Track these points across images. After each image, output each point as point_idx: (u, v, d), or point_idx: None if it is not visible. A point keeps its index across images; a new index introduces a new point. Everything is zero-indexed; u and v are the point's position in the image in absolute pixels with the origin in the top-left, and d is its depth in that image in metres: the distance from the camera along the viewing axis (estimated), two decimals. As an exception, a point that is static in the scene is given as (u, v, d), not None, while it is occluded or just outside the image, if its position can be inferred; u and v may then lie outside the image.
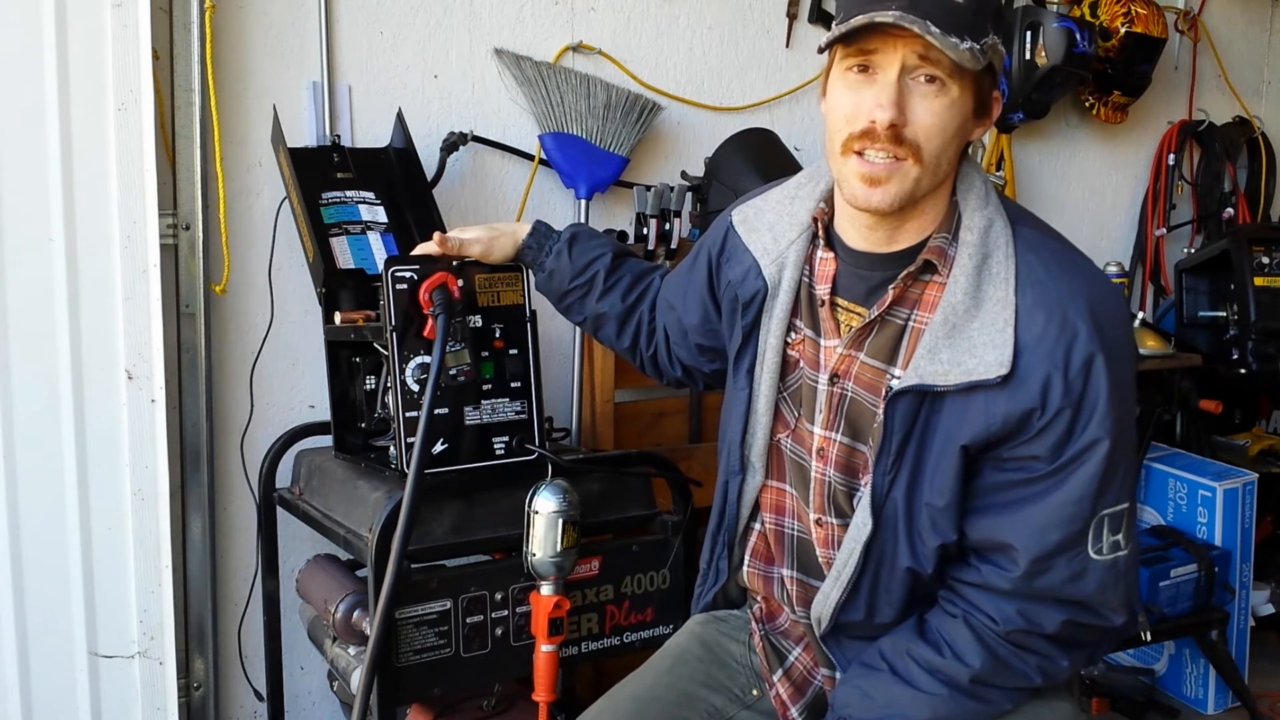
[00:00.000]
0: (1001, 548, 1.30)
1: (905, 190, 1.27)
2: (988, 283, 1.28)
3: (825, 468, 1.41)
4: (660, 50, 2.63)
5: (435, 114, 2.37)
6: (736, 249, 1.52)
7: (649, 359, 1.77)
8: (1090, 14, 3.07)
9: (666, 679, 1.52)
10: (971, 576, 1.33)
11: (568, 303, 1.79)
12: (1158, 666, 2.99)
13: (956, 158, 1.32)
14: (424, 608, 1.74)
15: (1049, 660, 1.33)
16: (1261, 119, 3.63)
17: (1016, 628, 1.30)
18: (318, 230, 2.02)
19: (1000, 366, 1.24)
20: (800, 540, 1.47)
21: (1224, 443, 3.23)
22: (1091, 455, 1.25)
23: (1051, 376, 1.23)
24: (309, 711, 2.38)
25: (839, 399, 1.39)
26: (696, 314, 1.62)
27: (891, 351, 1.34)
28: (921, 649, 1.34)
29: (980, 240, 1.30)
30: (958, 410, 1.28)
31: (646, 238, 2.42)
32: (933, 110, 1.25)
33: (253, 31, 2.18)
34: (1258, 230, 3.25)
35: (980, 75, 1.28)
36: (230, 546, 2.25)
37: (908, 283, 1.33)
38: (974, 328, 1.27)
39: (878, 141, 1.25)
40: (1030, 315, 1.25)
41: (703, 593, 1.61)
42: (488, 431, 1.79)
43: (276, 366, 2.25)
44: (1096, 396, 1.24)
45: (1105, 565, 1.28)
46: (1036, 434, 1.25)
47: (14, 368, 1.85)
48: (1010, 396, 1.25)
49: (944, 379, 1.27)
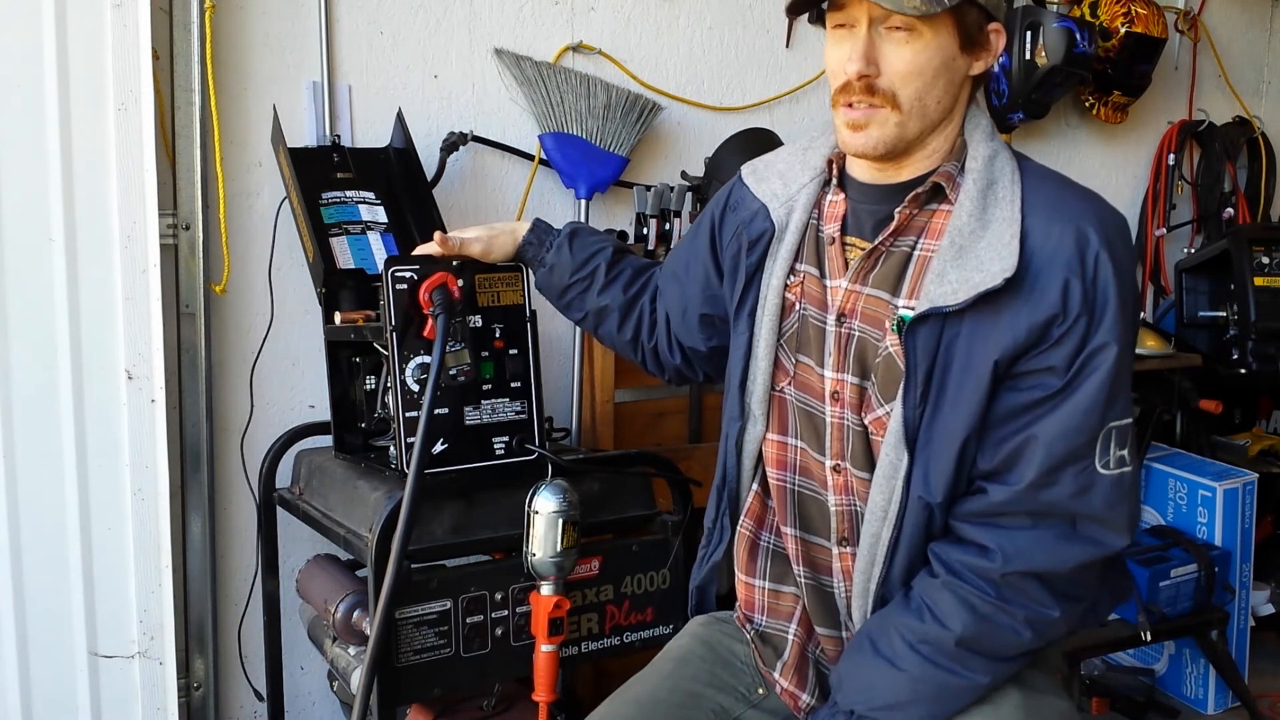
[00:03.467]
0: (1012, 464, 1.30)
1: (888, 135, 1.32)
2: (993, 206, 1.32)
3: (842, 410, 1.40)
4: (660, 50, 2.63)
5: (435, 114, 2.37)
6: (744, 199, 1.54)
7: (650, 351, 1.76)
8: (1090, 14, 3.07)
9: (670, 681, 1.51)
10: (974, 504, 1.32)
11: (569, 298, 1.78)
12: (1158, 666, 2.99)
13: (948, 97, 1.34)
14: (424, 608, 1.74)
15: (1039, 608, 1.30)
16: (1261, 119, 3.63)
17: (1012, 567, 1.28)
18: (318, 230, 2.02)
19: (1005, 272, 1.26)
20: (803, 496, 1.46)
21: (1224, 443, 3.23)
22: (1101, 360, 1.27)
23: (1070, 282, 1.26)
24: (309, 711, 2.38)
25: (846, 339, 1.39)
26: (699, 280, 1.62)
27: (896, 281, 1.35)
28: (904, 617, 1.33)
29: (984, 168, 1.34)
30: (983, 330, 1.29)
31: (646, 238, 2.43)
32: (903, 57, 1.30)
33: (253, 31, 2.18)
34: (1258, 230, 3.25)
35: (960, 10, 1.30)
36: (230, 546, 2.25)
37: (914, 210, 1.36)
38: (981, 247, 1.29)
39: (854, 93, 1.32)
40: (1044, 229, 1.29)
41: (708, 554, 1.58)
42: (488, 431, 1.79)
43: (276, 366, 2.25)
44: (1106, 302, 1.27)
45: (1112, 480, 1.29)
46: (1056, 342, 1.27)
47: (14, 368, 1.85)
48: (1034, 306, 1.27)
49: (954, 298, 1.28)
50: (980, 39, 1.34)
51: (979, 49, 1.35)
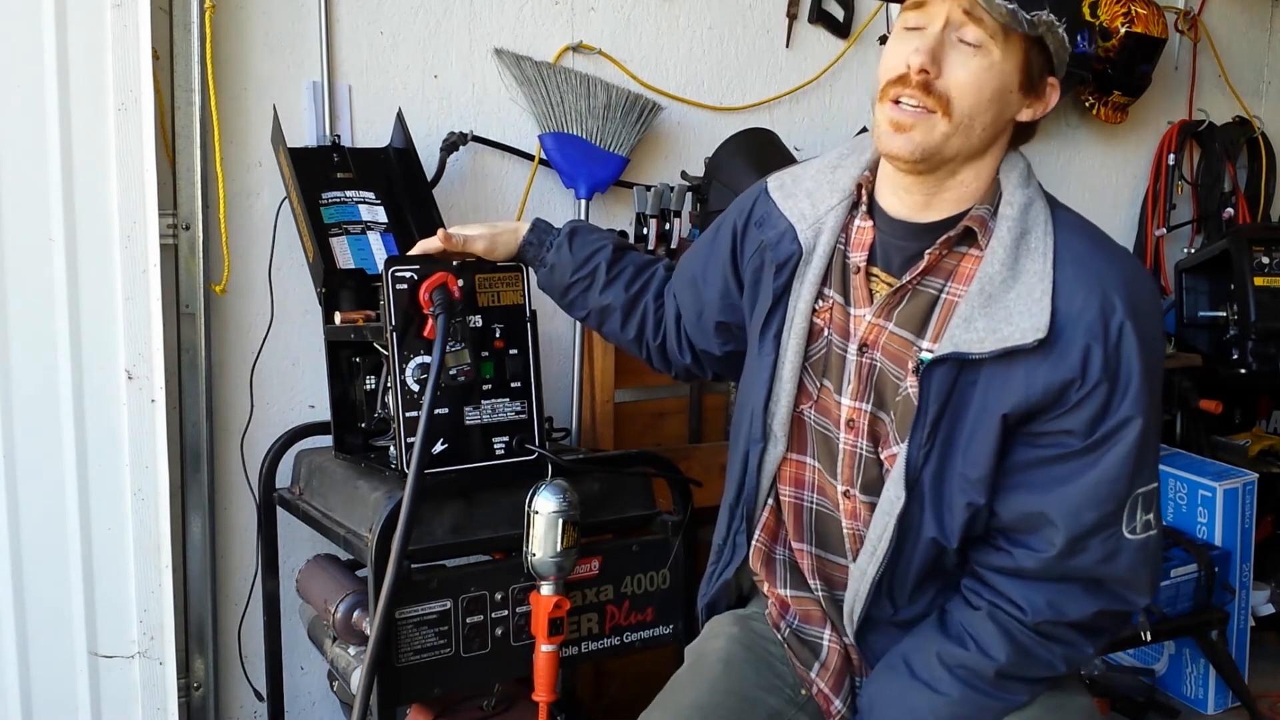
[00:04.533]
0: (1036, 527, 1.30)
1: (931, 143, 1.28)
2: (1025, 257, 1.30)
3: (856, 439, 1.40)
4: (660, 50, 2.63)
5: (435, 114, 2.37)
6: (769, 214, 1.51)
7: (656, 349, 1.75)
8: (1090, 14, 3.07)
9: (724, 684, 1.48)
10: (1001, 561, 1.33)
11: (570, 297, 1.78)
12: (1158, 666, 2.99)
13: (995, 128, 1.32)
14: (424, 608, 1.74)
15: (1074, 648, 1.33)
16: (1261, 119, 3.63)
17: (1045, 618, 1.30)
18: (318, 230, 2.02)
19: (1037, 332, 1.25)
20: (820, 514, 1.46)
21: (1224, 443, 3.23)
22: (1126, 434, 1.26)
23: (1091, 348, 1.25)
24: (309, 711, 2.38)
25: (868, 369, 1.39)
26: (717, 287, 1.60)
27: (922, 322, 1.34)
28: (944, 645, 1.34)
29: (1020, 215, 1.32)
30: (997, 380, 1.28)
31: (646, 238, 2.43)
32: (968, 67, 1.27)
33: (253, 31, 2.18)
34: (1258, 230, 3.25)
35: (1029, 48, 1.29)
36: (230, 546, 2.25)
37: (944, 251, 1.34)
38: (1010, 298, 1.28)
39: (909, 87, 1.28)
40: (1070, 289, 1.27)
41: (718, 570, 1.57)
42: (488, 431, 1.79)
43: (276, 366, 2.25)
44: (1130, 373, 1.26)
45: (1138, 545, 1.30)
46: (1074, 406, 1.27)
47: (14, 367, 1.85)
48: (1052, 367, 1.26)
49: (980, 346, 1.27)
50: (1040, 86, 1.34)
51: (1034, 96, 1.34)
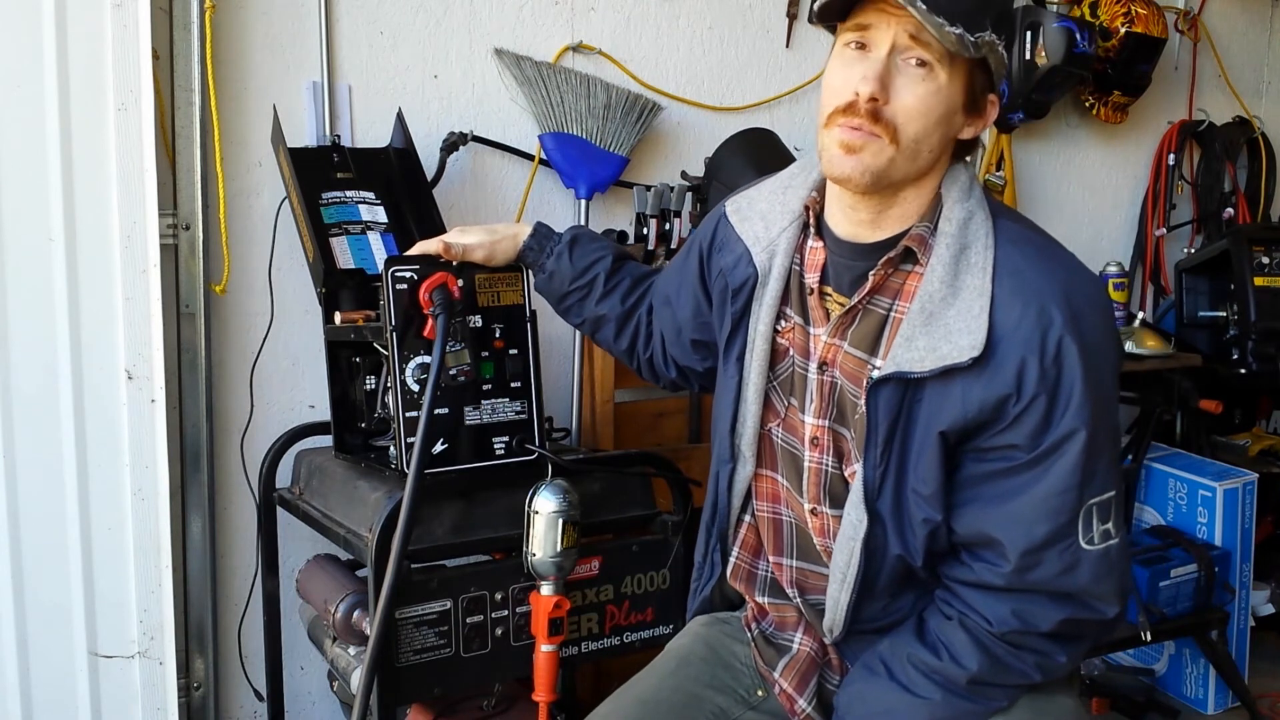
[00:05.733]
0: (990, 542, 1.30)
1: (879, 165, 1.28)
2: (965, 272, 1.29)
3: (821, 456, 1.41)
4: (660, 50, 2.63)
5: (435, 114, 2.37)
6: (729, 238, 1.52)
7: (646, 362, 1.77)
8: (1090, 14, 3.07)
9: (671, 680, 1.52)
10: (964, 574, 1.34)
11: (567, 304, 1.79)
12: (1158, 666, 2.99)
13: (940, 148, 1.32)
14: (424, 608, 1.74)
15: (1046, 657, 1.33)
16: (1261, 119, 3.63)
17: (1012, 629, 1.30)
18: (318, 230, 2.02)
19: (973, 350, 1.25)
20: (799, 529, 1.47)
21: (1224, 443, 3.23)
22: (1070, 446, 1.25)
23: (1027, 361, 1.24)
24: (309, 711, 2.38)
25: (829, 387, 1.40)
26: (689, 307, 1.63)
27: (874, 342, 1.35)
28: (919, 652, 1.34)
29: (959, 231, 1.31)
30: (937, 398, 1.29)
31: (646, 238, 2.43)
32: (916, 93, 1.26)
33: (253, 31, 2.18)
34: (1258, 230, 3.25)
35: (973, 69, 1.29)
36: (230, 546, 2.25)
37: (889, 271, 1.34)
38: (950, 315, 1.28)
39: (857, 116, 1.27)
40: (1007, 303, 1.26)
41: (698, 588, 1.61)
42: (488, 431, 1.79)
43: (276, 366, 2.25)
44: (1071, 385, 1.24)
45: (1098, 555, 1.29)
46: (1013, 421, 1.26)
47: (14, 368, 1.85)
48: (987, 383, 1.25)
49: (920, 365, 1.28)
50: (981, 104, 1.33)
51: (976, 115, 1.33)
